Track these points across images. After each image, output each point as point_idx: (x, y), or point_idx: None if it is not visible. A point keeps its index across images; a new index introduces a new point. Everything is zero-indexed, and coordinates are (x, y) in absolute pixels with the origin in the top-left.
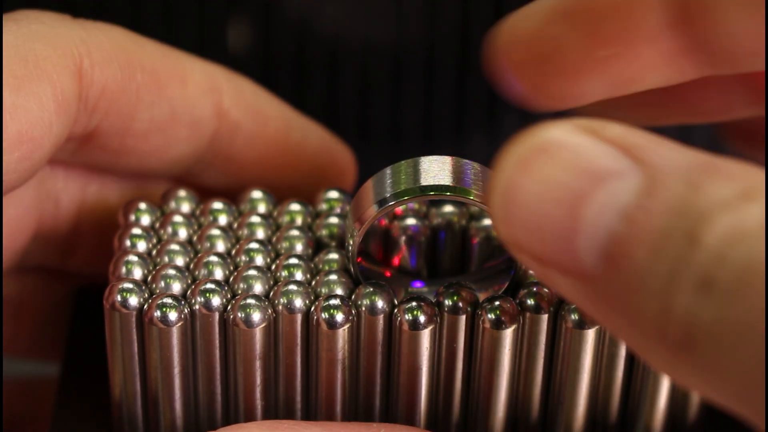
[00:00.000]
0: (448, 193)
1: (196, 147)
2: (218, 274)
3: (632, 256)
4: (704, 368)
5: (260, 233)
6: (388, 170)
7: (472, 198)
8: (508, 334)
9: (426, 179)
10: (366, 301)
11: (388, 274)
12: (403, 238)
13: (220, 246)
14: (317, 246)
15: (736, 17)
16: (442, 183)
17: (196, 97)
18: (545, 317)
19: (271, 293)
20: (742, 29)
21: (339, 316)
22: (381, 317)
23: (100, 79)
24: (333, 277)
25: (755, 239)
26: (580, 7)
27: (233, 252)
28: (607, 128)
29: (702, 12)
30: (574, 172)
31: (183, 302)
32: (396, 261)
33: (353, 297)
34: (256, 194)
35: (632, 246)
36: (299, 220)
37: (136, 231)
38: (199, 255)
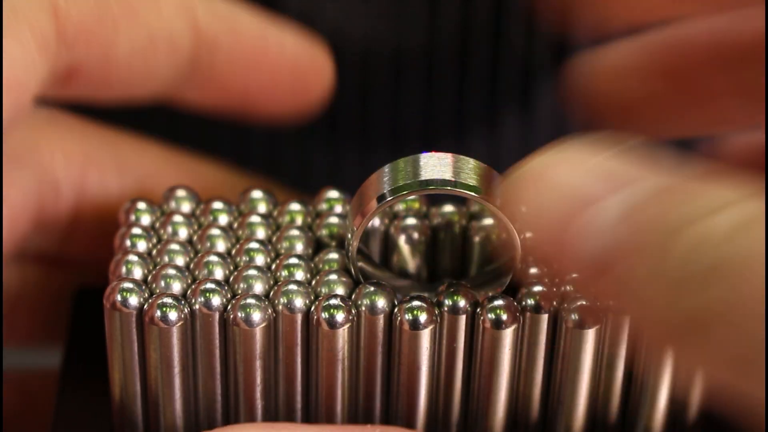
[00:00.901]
0: (448, 188)
1: (177, 68)
2: (218, 274)
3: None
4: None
5: (260, 233)
6: (386, 168)
7: (471, 192)
8: (508, 334)
9: (425, 174)
10: (366, 301)
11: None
12: (403, 238)
13: (220, 246)
14: (317, 246)
15: None
16: (442, 177)
17: (171, 19)
18: (545, 317)
19: (271, 293)
20: None
21: (339, 316)
22: (381, 317)
23: (77, 14)
24: (333, 276)
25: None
26: (673, 64)
27: (233, 252)
28: (596, 156)
29: None
30: (564, 199)
31: (183, 302)
32: (395, 261)
33: (353, 297)
34: (256, 194)
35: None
36: (299, 220)
37: (136, 231)
38: (199, 255)
